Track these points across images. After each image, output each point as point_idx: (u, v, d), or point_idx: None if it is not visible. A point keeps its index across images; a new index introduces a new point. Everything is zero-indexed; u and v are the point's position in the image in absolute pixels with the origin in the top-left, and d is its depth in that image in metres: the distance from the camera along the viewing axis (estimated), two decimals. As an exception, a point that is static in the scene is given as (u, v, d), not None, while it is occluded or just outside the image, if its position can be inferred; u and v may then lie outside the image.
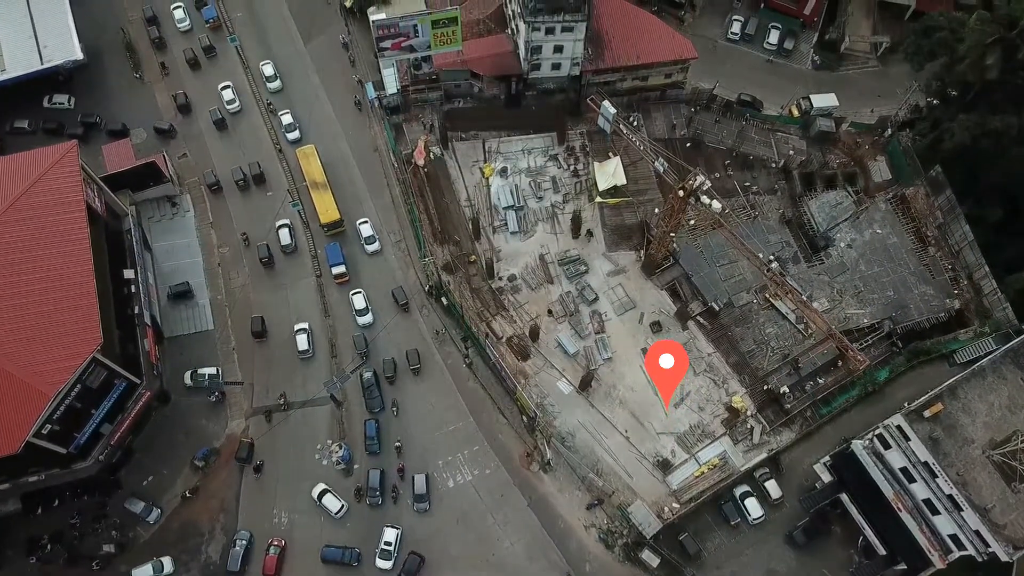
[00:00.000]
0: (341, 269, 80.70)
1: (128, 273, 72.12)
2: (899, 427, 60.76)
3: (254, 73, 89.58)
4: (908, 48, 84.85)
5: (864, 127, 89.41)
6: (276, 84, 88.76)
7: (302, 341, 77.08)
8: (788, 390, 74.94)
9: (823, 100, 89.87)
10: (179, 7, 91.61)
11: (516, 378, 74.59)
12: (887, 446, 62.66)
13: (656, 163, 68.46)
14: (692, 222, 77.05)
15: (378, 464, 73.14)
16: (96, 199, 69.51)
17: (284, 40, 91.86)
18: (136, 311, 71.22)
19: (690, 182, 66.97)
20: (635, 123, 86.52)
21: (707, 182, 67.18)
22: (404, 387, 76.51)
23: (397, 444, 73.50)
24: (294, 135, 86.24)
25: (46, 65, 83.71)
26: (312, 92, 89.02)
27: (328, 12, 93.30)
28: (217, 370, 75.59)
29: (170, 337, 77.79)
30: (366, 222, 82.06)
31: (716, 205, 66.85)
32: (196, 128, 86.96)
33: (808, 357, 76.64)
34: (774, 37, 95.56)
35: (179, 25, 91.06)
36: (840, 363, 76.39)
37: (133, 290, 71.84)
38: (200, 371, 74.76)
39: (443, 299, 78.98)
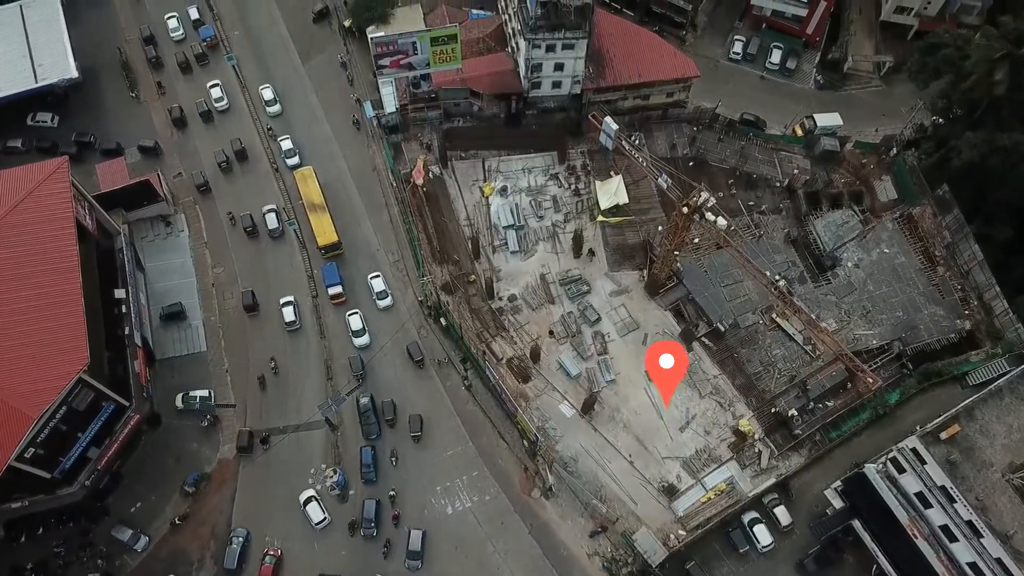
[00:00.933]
0: (338, 289, 78.95)
1: (119, 293, 70.34)
2: (914, 450, 58.56)
3: (252, 94, 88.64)
4: (913, 66, 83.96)
5: (869, 146, 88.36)
6: (276, 108, 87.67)
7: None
8: (796, 413, 72.83)
9: (827, 119, 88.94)
10: (173, 16, 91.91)
11: (517, 401, 72.50)
12: (901, 470, 60.36)
13: (659, 179, 67.12)
14: (696, 240, 75.44)
15: (374, 494, 70.64)
16: (87, 217, 68.02)
17: (282, 60, 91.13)
18: (127, 332, 69.36)
19: (694, 199, 65.55)
20: (637, 142, 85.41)
21: (711, 199, 65.75)
22: (398, 399, 74.29)
23: (392, 493, 70.49)
24: (294, 160, 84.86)
25: (40, 83, 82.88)
26: (310, 112, 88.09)
27: (326, 32, 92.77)
28: (209, 392, 73.50)
29: (162, 359, 75.84)
30: (378, 276, 79.02)
31: (721, 222, 65.36)
32: (191, 145, 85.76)
33: (816, 379, 74.58)
34: (776, 57, 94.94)
35: (173, 35, 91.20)
36: (849, 385, 74.41)
37: (124, 310, 70.01)
38: (192, 393, 72.61)
39: (442, 320, 77.11)
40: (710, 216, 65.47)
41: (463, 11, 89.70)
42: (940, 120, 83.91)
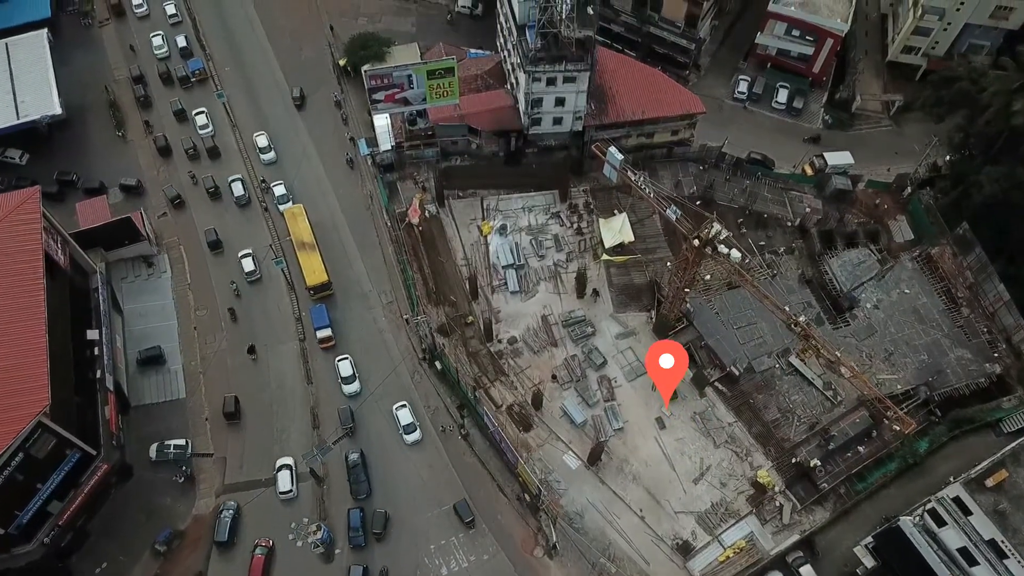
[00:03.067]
0: (327, 332, 74.40)
1: (92, 334, 65.91)
2: (957, 499, 53.21)
3: (243, 135, 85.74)
4: (927, 100, 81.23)
5: (882, 186, 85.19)
6: (270, 156, 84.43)
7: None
8: (819, 463, 67.48)
9: (838, 158, 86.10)
10: (158, 35, 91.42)
11: (518, 451, 67.15)
12: (942, 523, 54.85)
13: (668, 211, 63.27)
14: (708, 277, 71.31)
15: (362, 560, 64.62)
16: (59, 251, 63.98)
17: (274, 98, 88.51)
18: (98, 375, 64.57)
19: (706, 231, 61.60)
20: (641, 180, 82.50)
21: (724, 230, 61.82)
22: (392, 458, 68.97)
23: (383, 569, 64.57)
24: (286, 206, 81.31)
25: (22, 120, 79.87)
26: (301, 150, 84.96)
27: (321, 71, 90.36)
28: (187, 442, 68.26)
29: (137, 406, 70.76)
30: (405, 406, 70.91)
31: (735, 255, 61.36)
32: (178, 178, 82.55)
33: (839, 427, 69.58)
34: (783, 96, 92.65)
35: (156, 52, 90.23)
36: (875, 433, 69.35)
37: (96, 352, 65.47)
38: (167, 442, 67.38)
39: (437, 363, 72.35)
40: (723, 249, 61.45)
41: (461, 50, 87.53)
42: (956, 156, 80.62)
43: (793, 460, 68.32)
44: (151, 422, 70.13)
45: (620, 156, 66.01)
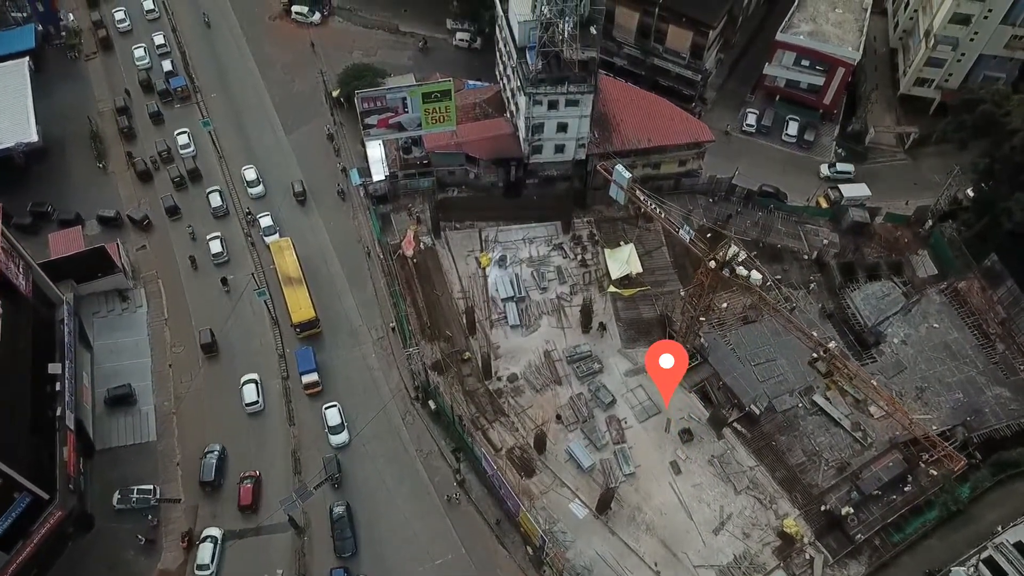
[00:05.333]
0: (313, 377, 68.83)
1: (54, 368, 60.47)
2: (1019, 544, 46.85)
3: (232, 170, 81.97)
4: (948, 126, 77.42)
5: (901, 219, 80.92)
6: (258, 189, 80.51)
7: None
8: (852, 511, 61.20)
9: (854, 190, 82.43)
10: (140, 47, 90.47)
11: (519, 499, 60.83)
12: (1001, 573, 48.34)
13: (681, 231, 58.65)
14: (725, 305, 66.27)
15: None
16: (20, 276, 58.89)
17: (264, 130, 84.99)
18: (58, 412, 58.82)
19: (721, 252, 56.88)
20: (646, 215, 78.20)
21: (743, 251, 57.10)
22: (377, 507, 62.58)
23: None
24: (273, 238, 76.98)
25: (-2, 147, 76.03)
26: (290, 181, 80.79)
27: (313, 103, 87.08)
28: (154, 488, 62.04)
29: (103, 449, 64.81)
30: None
31: (755, 276, 56.44)
32: (158, 210, 78.38)
33: (871, 471, 63.56)
34: (793, 129, 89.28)
35: (138, 63, 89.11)
36: (910, 478, 63.25)
37: (58, 388, 59.85)
38: (131, 488, 61.13)
39: (430, 403, 66.61)
40: (742, 271, 56.56)
41: (459, 80, 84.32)
42: (981, 184, 76.41)
43: (823, 508, 62.22)
44: (117, 467, 64.17)
45: (628, 174, 61.78)
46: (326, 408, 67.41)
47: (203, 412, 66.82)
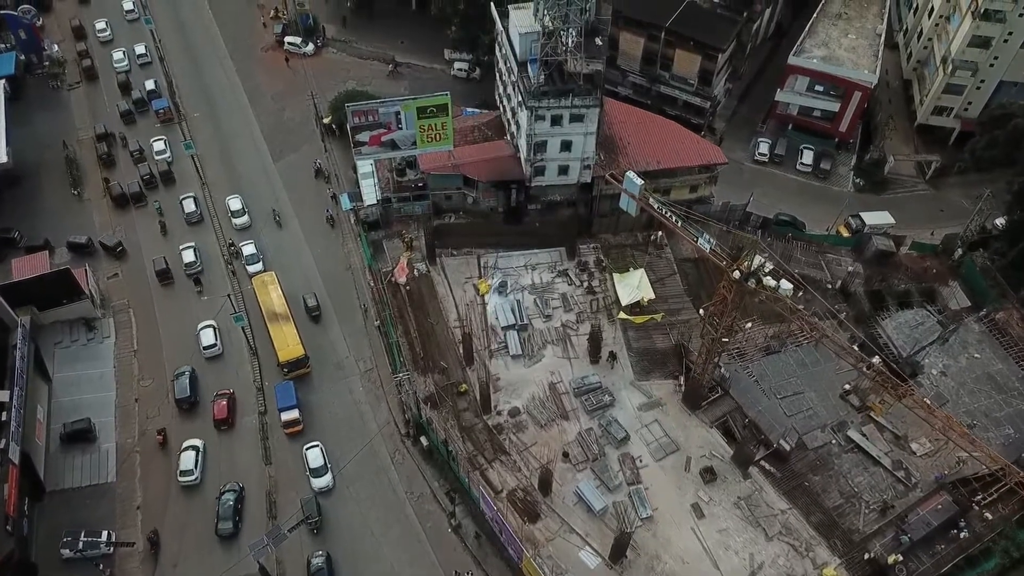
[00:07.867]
0: (293, 415, 62.48)
1: (1, 395, 53.92)
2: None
3: (214, 197, 77.48)
4: (978, 144, 73.11)
5: (928, 248, 75.76)
6: (243, 220, 75.70)
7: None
8: (900, 559, 53.89)
9: (877, 218, 77.79)
10: (120, 50, 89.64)
11: (522, 546, 53.59)
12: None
13: (700, 240, 53.19)
14: (749, 325, 60.31)
15: None
16: (-32, 290, 53.22)
17: (251, 157, 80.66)
18: (1, 445, 52.10)
19: (746, 262, 51.27)
20: (656, 242, 73.35)
21: (768, 261, 51.55)
22: (361, 557, 55.23)
23: None
24: (256, 267, 71.77)
25: (-35, 169, 71.49)
26: (277, 212, 75.96)
27: (304, 130, 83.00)
28: (108, 534, 54.80)
29: (54, 491, 57.85)
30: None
31: (785, 286, 50.68)
32: (134, 242, 72.98)
33: (917, 514, 56.51)
34: (808, 158, 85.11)
35: (116, 66, 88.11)
36: (963, 522, 56.17)
37: (3, 418, 53.29)
38: (76, 531, 53.92)
39: (422, 439, 59.90)
40: (770, 281, 50.83)
41: (457, 107, 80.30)
42: (1016, 207, 71.49)
43: (866, 556, 54.84)
44: (70, 510, 57.21)
45: (639, 181, 56.59)
46: (307, 448, 60.84)
47: (169, 450, 59.99)
